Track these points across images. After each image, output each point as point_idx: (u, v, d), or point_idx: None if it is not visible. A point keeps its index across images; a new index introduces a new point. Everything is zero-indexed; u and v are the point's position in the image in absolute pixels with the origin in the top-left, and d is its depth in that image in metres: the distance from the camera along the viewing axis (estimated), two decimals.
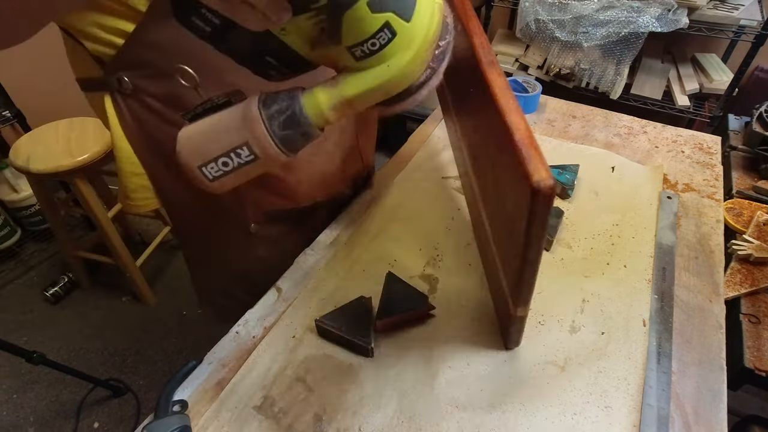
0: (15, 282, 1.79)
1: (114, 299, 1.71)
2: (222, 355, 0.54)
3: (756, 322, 0.78)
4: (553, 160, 0.77)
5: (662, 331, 0.54)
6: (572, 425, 0.47)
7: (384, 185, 0.77)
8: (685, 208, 0.71)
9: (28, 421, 1.37)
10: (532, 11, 1.64)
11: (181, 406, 0.49)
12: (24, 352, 1.10)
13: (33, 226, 1.88)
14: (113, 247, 1.48)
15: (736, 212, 0.95)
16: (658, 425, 0.46)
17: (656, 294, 0.58)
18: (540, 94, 0.93)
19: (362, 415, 0.48)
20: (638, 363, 0.51)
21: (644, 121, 0.90)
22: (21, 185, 1.74)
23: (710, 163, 0.80)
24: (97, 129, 1.43)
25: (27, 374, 1.47)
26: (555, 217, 0.65)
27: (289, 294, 0.61)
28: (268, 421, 0.48)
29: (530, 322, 0.56)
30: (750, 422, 0.91)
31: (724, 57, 1.78)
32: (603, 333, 0.55)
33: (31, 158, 1.31)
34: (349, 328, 0.53)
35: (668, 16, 1.46)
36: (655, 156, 0.82)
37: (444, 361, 0.52)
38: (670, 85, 1.72)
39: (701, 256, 0.64)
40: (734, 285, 0.82)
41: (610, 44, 1.57)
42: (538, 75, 1.82)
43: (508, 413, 0.48)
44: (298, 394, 0.50)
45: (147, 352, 1.53)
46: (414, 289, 0.58)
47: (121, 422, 1.35)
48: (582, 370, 0.51)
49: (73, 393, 1.42)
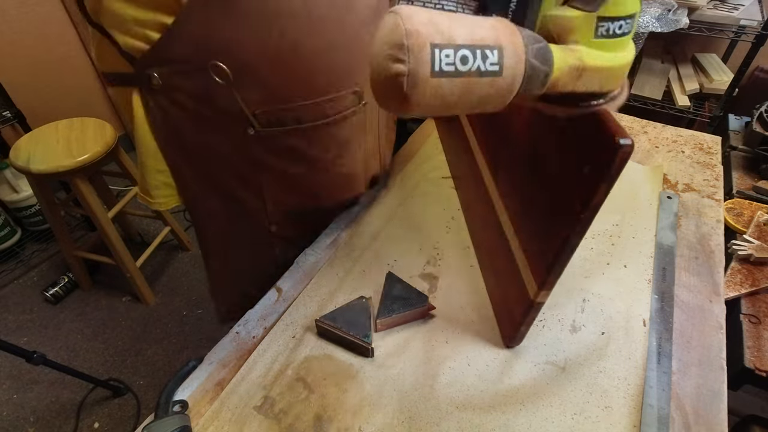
0: (15, 282, 1.79)
1: (114, 299, 1.71)
2: (222, 355, 0.54)
3: (756, 322, 0.78)
4: None
5: (662, 331, 0.54)
6: (572, 425, 0.47)
7: (384, 185, 0.77)
8: (685, 208, 0.71)
9: (28, 421, 1.37)
10: None
11: (181, 406, 0.49)
12: (24, 352, 1.10)
13: (33, 226, 1.88)
14: (113, 247, 1.48)
15: (736, 212, 0.95)
16: (658, 425, 0.46)
17: (656, 294, 0.58)
18: None
19: (362, 415, 0.48)
20: (638, 363, 0.51)
21: (644, 121, 0.90)
22: (21, 185, 1.74)
23: (710, 163, 0.80)
24: (97, 129, 1.43)
25: (27, 374, 1.47)
26: None
27: (289, 294, 0.61)
28: (268, 421, 0.48)
29: None
30: (750, 422, 0.91)
31: (724, 57, 1.78)
32: (603, 333, 0.54)
33: (31, 158, 1.31)
34: (349, 328, 0.53)
35: (668, 16, 1.46)
36: (655, 156, 0.82)
37: (444, 361, 0.52)
38: (670, 85, 1.72)
39: (701, 256, 0.64)
40: (734, 285, 0.83)
41: None
42: None
43: (508, 413, 0.48)
44: (298, 394, 0.50)
45: (147, 352, 1.53)
46: (414, 289, 0.58)
47: (121, 422, 1.35)
48: (582, 370, 0.51)
49: (73, 393, 1.42)
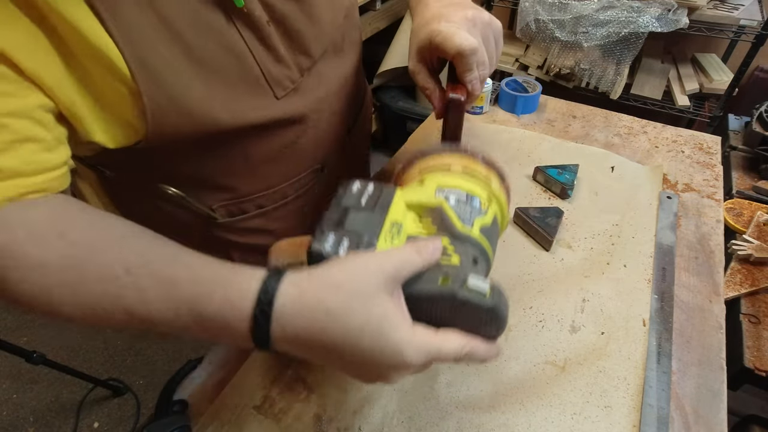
0: None
1: None
2: (222, 355, 0.54)
3: (756, 322, 0.78)
4: (552, 160, 0.77)
5: (662, 331, 0.54)
6: (572, 425, 0.47)
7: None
8: (685, 208, 0.71)
9: (28, 421, 1.37)
10: (532, 11, 1.64)
11: (181, 406, 0.49)
12: (24, 352, 1.10)
13: None
14: None
15: (736, 212, 0.95)
16: (657, 425, 0.46)
17: (656, 294, 0.58)
18: (540, 94, 0.93)
19: (362, 415, 0.48)
20: (638, 363, 0.51)
21: (644, 121, 0.90)
22: None
23: (710, 163, 0.80)
24: None
25: (27, 374, 1.47)
26: (555, 217, 0.65)
27: None
28: (268, 421, 0.48)
29: (530, 321, 0.56)
30: (750, 422, 0.91)
31: (724, 57, 1.78)
32: (603, 333, 0.55)
33: None
34: None
35: (668, 16, 1.46)
36: (655, 156, 0.82)
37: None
38: (670, 85, 1.72)
39: (701, 256, 0.64)
40: (734, 285, 0.83)
41: (610, 44, 1.57)
42: (538, 75, 1.82)
43: (508, 413, 0.48)
44: (298, 393, 0.50)
45: (147, 352, 1.53)
46: None
47: (121, 422, 1.35)
48: (582, 370, 0.51)
49: (73, 393, 1.42)
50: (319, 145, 0.56)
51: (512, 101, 0.91)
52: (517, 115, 0.92)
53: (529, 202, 0.72)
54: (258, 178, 0.53)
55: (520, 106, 0.91)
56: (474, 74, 0.42)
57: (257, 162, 0.51)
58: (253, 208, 0.55)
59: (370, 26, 1.79)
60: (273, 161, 0.52)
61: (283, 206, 0.57)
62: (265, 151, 0.50)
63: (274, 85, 0.46)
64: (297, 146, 0.53)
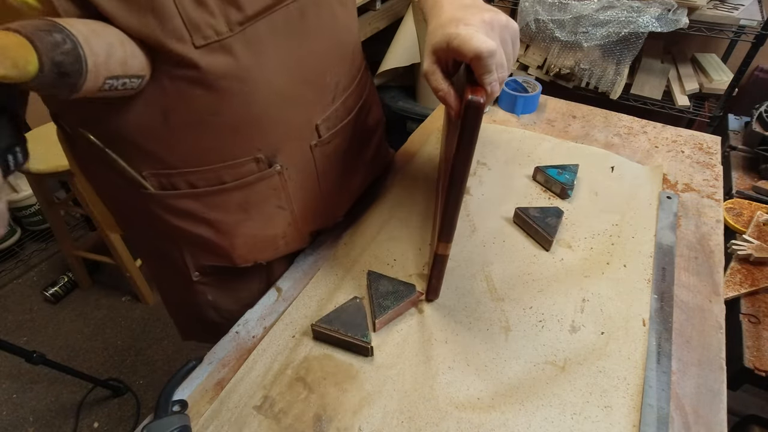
0: (15, 282, 1.79)
1: (114, 299, 1.71)
2: (222, 355, 0.54)
3: (756, 322, 0.78)
4: (552, 160, 0.77)
5: (662, 331, 0.54)
6: (572, 425, 0.47)
7: (384, 185, 0.77)
8: (684, 208, 0.71)
9: (28, 421, 1.37)
10: (532, 11, 1.64)
11: (181, 406, 0.49)
12: (24, 352, 1.10)
13: (33, 225, 1.88)
14: (113, 247, 1.48)
15: (736, 212, 0.95)
16: (657, 425, 0.46)
17: (656, 294, 0.58)
18: (540, 94, 0.93)
19: (362, 415, 0.48)
20: (638, 363, 0.51)
21: (644, 121, 0.90)
22: (21, 185, 1.74)
23: (710, 163, 0.80)
24: None
25: (27, 374, 1.47)
26: (555, 217, 0.65)
27: (289, 294, 0.61)
28: (268, 421, 0.48)
29: (530, 321, 0.56)
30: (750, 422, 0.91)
31: (724, 57, 1.78)
32: (603, 333, 0.55)
33: (31, 158, 1.31)
34: (346, 330, 0.53)
35: (668, 16, 1.46)
36: (655, 156, 0.82)
37: (444, 361, 0.52)
38: (670, 85, 1.72)
39: (701, 256, 0.64)
40: (734, 285, 0.83)
41: (610, 44, 1.57)
42: (538, 75, 1.82)
43: (508, 413, 0.48)
44: (298, 394, 0.50)
45: (147, 352, 1.53)
46: (399, 281, 0.58)
47: (121, 422, 1.35)
48: (582, 370, 0.51)
49: (73, 393, 1.42)
50: (259, 130, 0.52)
51: (512, 101, 0.91)
52: (517, 115, 0.92)
53: (529, 202, 0.72)
54: (182, 147, 0.50)
55: (520, 106, 0.91)
56: (493, 76, 0.42)
57: (177, 124, 0.48)
58: (184, 184, 0.53)
59: (370, 26, 1.79)
60: (194, 127, 0.49)
61: (219, 193, 0.54)
62: (183, 111, 0.47)
63: (193, 29, 0.42)
64: (221, 118, 0.49)
